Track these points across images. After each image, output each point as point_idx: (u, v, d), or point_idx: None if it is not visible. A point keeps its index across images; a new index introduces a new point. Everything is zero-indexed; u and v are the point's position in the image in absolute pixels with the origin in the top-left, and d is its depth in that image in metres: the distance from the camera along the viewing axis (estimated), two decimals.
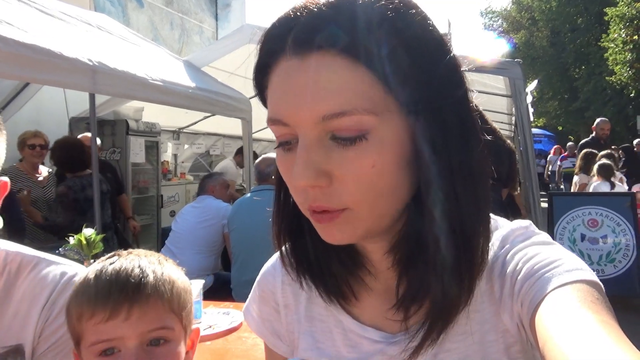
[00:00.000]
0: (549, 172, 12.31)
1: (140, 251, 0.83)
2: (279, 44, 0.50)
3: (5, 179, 0.88)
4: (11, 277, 0.89)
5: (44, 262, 0.93)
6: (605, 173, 5.49)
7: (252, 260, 2.85)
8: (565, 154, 11.50)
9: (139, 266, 0.77)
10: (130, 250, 0.83)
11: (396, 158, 0.49)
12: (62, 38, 2.79)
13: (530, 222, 0.60)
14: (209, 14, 10.53)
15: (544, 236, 0.57)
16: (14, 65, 2.14)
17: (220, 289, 3.01)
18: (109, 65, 2.88)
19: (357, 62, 0.46)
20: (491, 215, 0.62)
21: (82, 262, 1.57)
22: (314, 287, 0.63)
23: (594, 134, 7.19)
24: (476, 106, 0.56)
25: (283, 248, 0.64)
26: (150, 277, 0.76)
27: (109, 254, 0.82)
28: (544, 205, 4.81)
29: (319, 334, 0.66)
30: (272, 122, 0.52)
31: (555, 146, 13.42)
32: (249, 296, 0.77)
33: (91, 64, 2.71)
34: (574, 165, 9.90)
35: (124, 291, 0.73)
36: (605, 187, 5.36)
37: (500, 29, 28.78)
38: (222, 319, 1.74)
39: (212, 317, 1.79)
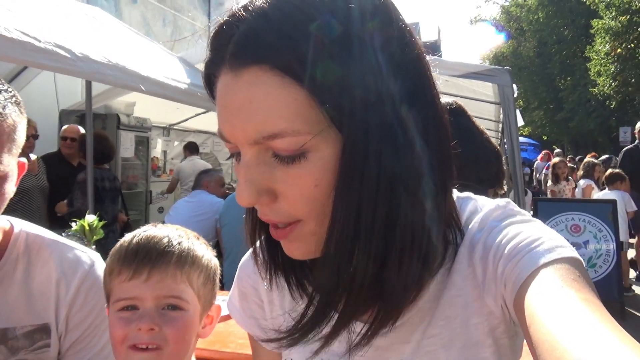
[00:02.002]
0: (537, 181, 11.00)
1: (177, 226, 0.89)
2: (220, 55, 0.48)
3: (23, 159, 0.91)
4: (32, 259, 0.91)
5: (65, 247, 0.95)
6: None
7: (241, 255, 2.87)
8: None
9: (168, 236, 0.84)
10: (168, 225, 0.89)
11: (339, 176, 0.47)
12: (60, 26, 2.80)
13: (509, 200, 0.59)
14: (202, 12, 10.50)
15: (523, 213, 0.57)
16: (16, 49, 2.16)
17: None
18: (105, 56, 2.89)
19: (289, 79, 0.44)
20: (471, 195, 0.62)
21: None
22: (285, 283, 0.62)
23: (638, 141, 6.14)
24: (449, 109, 0.55)
25: (257, 244, 0.62)
26: (175, 249, 0.82)
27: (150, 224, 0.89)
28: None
29: None
30: (219, 135, 0.51)
31: (544, 151, 12.13)
32: (231, 292, 0.76)
33: (88, 52, 2.73)
34: None
35: (148, 255, 0.80)
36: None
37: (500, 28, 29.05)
38: (222, 305, 1.76)
39: None
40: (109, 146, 3.85)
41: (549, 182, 6.87)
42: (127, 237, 0.85)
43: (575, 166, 9.10)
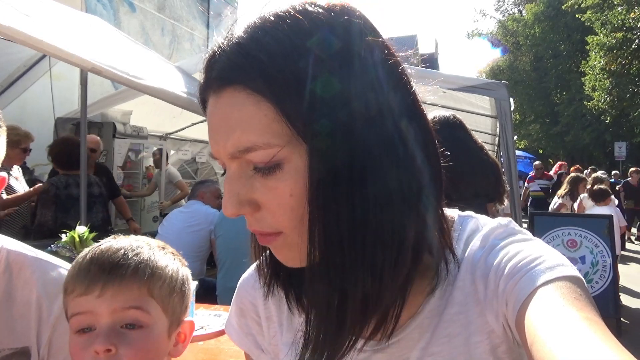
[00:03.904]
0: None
1: (140, 237, 0.84)
2: (207, 82, 0.53)
3: (4, 174, 0.88)
4: (13, 278, 0.86)
5: (47, 265, 0.90)
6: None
7: (238, 267, 2.85)
8: (532, 174, 9.79)
9: (124, 248, 0.79)
10: (131, 235, 0.84)
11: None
12: (59, 33, 2.80)
13: (511, 219, 0.60)
14: (201, 21, 10.55)
15: (524, 232, 0.58)
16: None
17: (205, 295, 2.99)
18: (107, 56, 2.91)
19: (259, 96, 0.48)
20: (472, 214, 0.63)
21: (73, 260, 1.56)
22: (284, 296, 0.63)
23: None
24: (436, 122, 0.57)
25: (262, 257, 0.64)
26: (132, 260, 0.77)
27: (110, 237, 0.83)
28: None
29: None
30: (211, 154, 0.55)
31: (560, 163, 10.99)
32: (230, 310, 0.77)
33: (90, 47, 2.76)
34: (542, 188, 9.27)
35: (101, 269, 0.75)
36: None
37: (497, 44, 29.38)
38: (214, 321, 1.74)
39: (204, 318, 1.80)
40: (76, 151, 3.55)
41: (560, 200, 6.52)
42: (83, 252, 0.80)
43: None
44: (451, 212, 0.63)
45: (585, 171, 10.87)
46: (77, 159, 3.46)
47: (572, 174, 6.79)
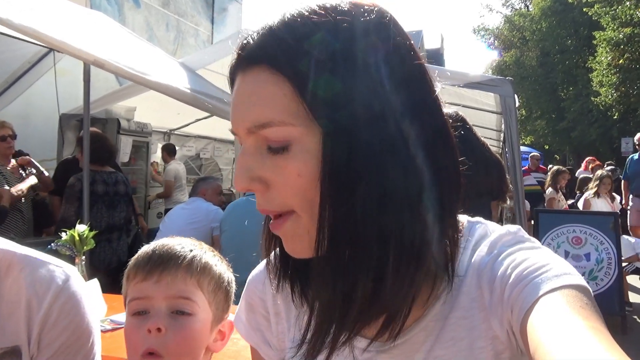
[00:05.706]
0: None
1: (194, 239, 0.97)
2: (237, 62, 0.56)
3: None
4: (2, 276, 0.85)
5: (37, 262, 0.89)
6: None
7: (241, 263, 2.84)
8: (526, 167, 8.72)
9: (181, 245, 0.92)
10: (184, 237, 0.97)
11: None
12: (63, 29, 2.80)
13: (519, 227, 0.60)
14: (205, 17, 10.52)
15: (532, 241, 0.58)
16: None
17: None
18: (111, 51, 2.90)
19: (281, 76, 0.50)
20: (481, 220, 0.64)
21: (73, 258, 1.57)
22: (290, 293, 0.64)
23: None
24: (452, 121, 0.58)
25: (272, 254, 0.65)
26: (187, 256, 0.89)
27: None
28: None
29: None
30: (231, 131, 0.58)
31: (589, 158, 10.24)
32: (239, 305, 0.78)
33: (94, 43, 2.76)
34: (539, 182, 9.09)
35: (160, 259, 0.88)
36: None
37: (492, 46, 29.31)
38: None
39: None
40: (106, 146, 3.63)
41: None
42: (145, 247, 0.93)
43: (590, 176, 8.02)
44: (460, 218, 0.63)
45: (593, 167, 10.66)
46: (104, 154, 3.55)
47: (554, 167, 6.79)
